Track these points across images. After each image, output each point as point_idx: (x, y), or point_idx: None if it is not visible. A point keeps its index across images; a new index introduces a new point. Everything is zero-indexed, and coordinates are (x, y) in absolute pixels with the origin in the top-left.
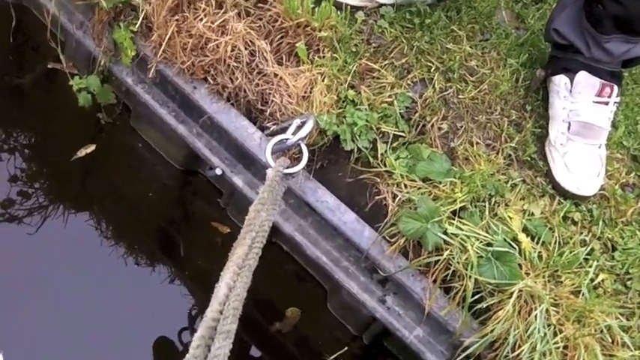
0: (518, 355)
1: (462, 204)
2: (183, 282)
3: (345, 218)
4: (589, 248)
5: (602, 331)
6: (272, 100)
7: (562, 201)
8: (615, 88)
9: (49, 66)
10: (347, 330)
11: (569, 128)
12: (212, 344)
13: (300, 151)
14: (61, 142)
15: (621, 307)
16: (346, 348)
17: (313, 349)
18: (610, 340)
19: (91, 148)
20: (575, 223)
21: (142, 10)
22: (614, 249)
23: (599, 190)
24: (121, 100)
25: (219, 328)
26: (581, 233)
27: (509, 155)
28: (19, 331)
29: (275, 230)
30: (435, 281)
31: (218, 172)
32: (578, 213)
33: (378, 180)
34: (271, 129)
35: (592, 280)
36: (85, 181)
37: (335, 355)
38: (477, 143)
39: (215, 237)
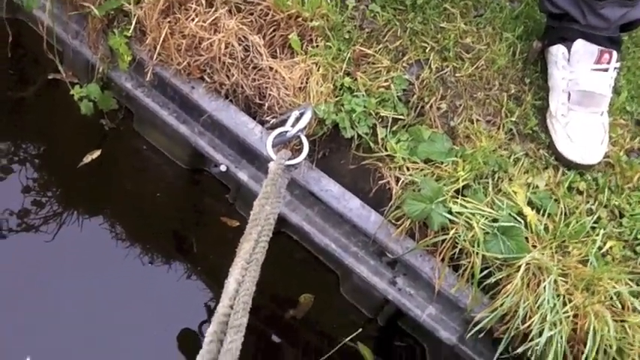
0: (528, 326)
1: (465, 182)
2: (198, 277)
3: (351, 205)
4: (596, 217)
5: (611, 298)
6: (269, 94)
7: (566, 172)
8: (614, 53)
9: (50, 77)
10: (361, 313)
11: (569, 98)
12: (224, 339)
13: (301, 143)
14: (67, 150)
15: (630, 273)
16: (360, 330)
17: (329, 333)
18: (620, 306)
19: (97, 153)
20: (580, 192)
21: (134, 15)
22: (621, 215)
23: (604, 158)
24: (122, 105)
25: (230, 322)
26: (587, 202)
27: (511, 130)
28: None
29: (282, 221)
30: (443, 260)
31: (223, 168)
32: (583, 182)
33: (381, 165)
34: (271, 122)
35: (600, 248)
36: (93, 186)
37: (350, 337)
38: (477, 120)
39: (225, 231)
